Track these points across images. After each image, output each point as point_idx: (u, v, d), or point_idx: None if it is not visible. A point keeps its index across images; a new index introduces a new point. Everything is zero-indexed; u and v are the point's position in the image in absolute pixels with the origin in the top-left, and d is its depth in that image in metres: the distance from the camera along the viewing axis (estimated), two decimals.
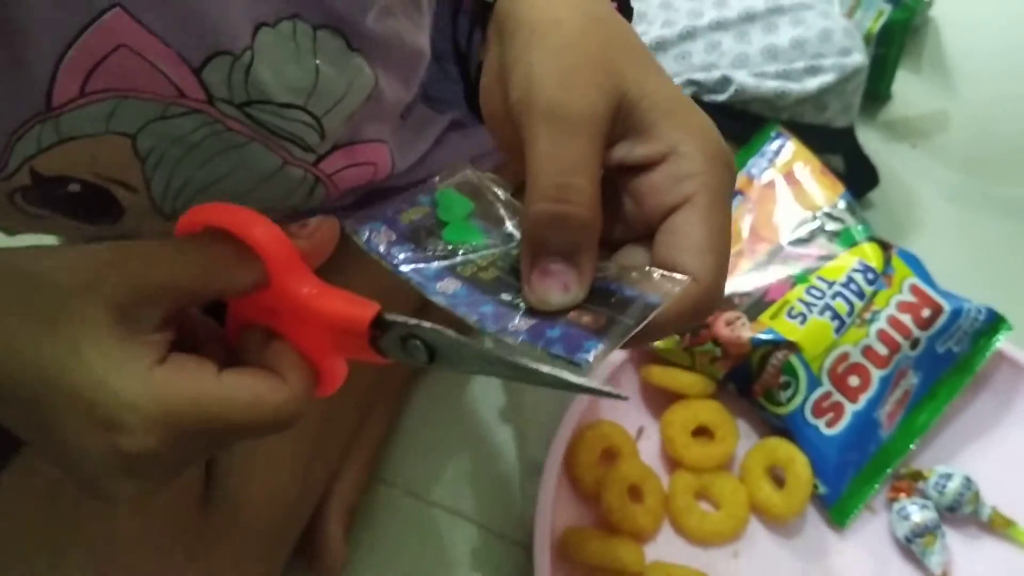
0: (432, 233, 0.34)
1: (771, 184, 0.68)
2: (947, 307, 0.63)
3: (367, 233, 0.34)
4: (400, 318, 0.31)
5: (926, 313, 0.63)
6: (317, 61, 0.48)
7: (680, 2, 0.74)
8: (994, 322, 0.65)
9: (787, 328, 0.62)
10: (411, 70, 0.56)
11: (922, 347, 0.63)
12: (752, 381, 0.64)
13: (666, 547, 0.61)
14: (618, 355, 0.66)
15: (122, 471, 0.30)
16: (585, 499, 0.61)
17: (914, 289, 0.64)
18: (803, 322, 0.62)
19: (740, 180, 0.68)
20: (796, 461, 0.61)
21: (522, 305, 0.31)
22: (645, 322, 0.29)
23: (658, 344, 0.64)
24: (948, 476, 0.61)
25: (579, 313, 0.30)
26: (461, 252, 0.33)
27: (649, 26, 0.73)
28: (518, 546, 0.57)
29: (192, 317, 0.35)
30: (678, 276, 0.31)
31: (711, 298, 0.31)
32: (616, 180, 0.34)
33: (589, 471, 0.61)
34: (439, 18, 0.56)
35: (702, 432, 0.63)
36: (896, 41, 0.85)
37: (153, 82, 0.42)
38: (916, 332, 0.62)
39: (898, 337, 0.62)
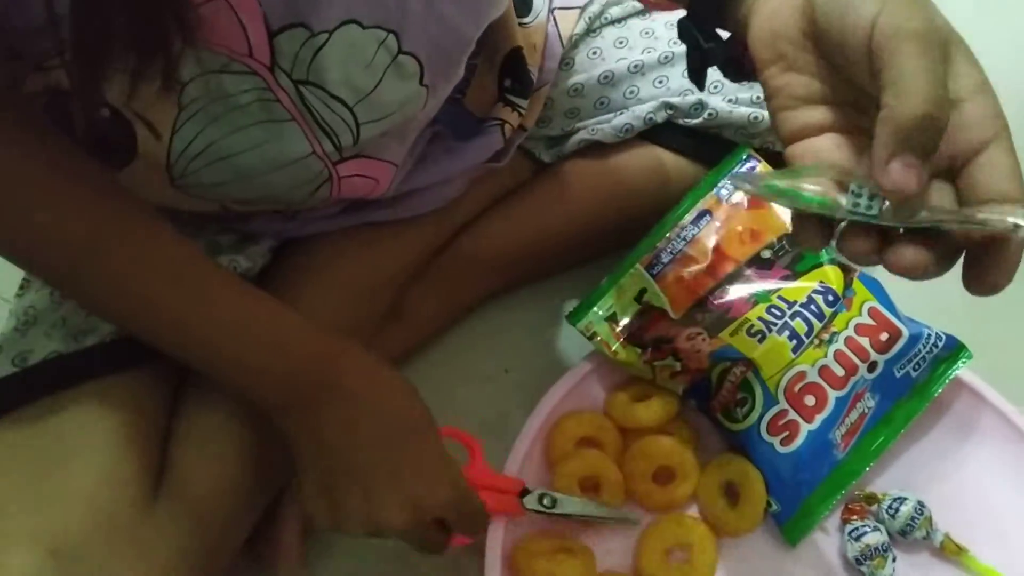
0: None
1: (739, 205, 0.68)
2: (906, 332, 0.64)
3: None
4: (536, 489, 0.59)
5: (884, 337, 0.63)
6: (384, 76, 0.50)
7: (662, 31, 0.75)
8: (954, 349, 0.65)
9: (746, 345, 0.62)
10: (444, 92, 0.58)
11: (880, 370, 0.63)
12: (711, 397, 0.64)
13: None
14: (585, 366, 0.67)
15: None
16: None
17: (873, 312, 0.64)
18: (762, 340, 0.62)
19: (709, 200, 0.69)
20: (750, 477, 0.61)
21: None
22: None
23: (620, 356, 0.65)
24: (901, 500, 0.62)
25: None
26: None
27: (630, 51, 0.75)
28: (478, 553, 0.58)
29: None
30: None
31: (904, 127, 0.33)
32: None
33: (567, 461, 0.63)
34: None
35: (664, 468, 0.63)
36: None
37: (231, 36, 0.44)
38: (874, 355, 0.63)
39: (855, 359, 0.63)
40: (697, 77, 0.48)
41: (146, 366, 0.54)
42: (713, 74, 0.71)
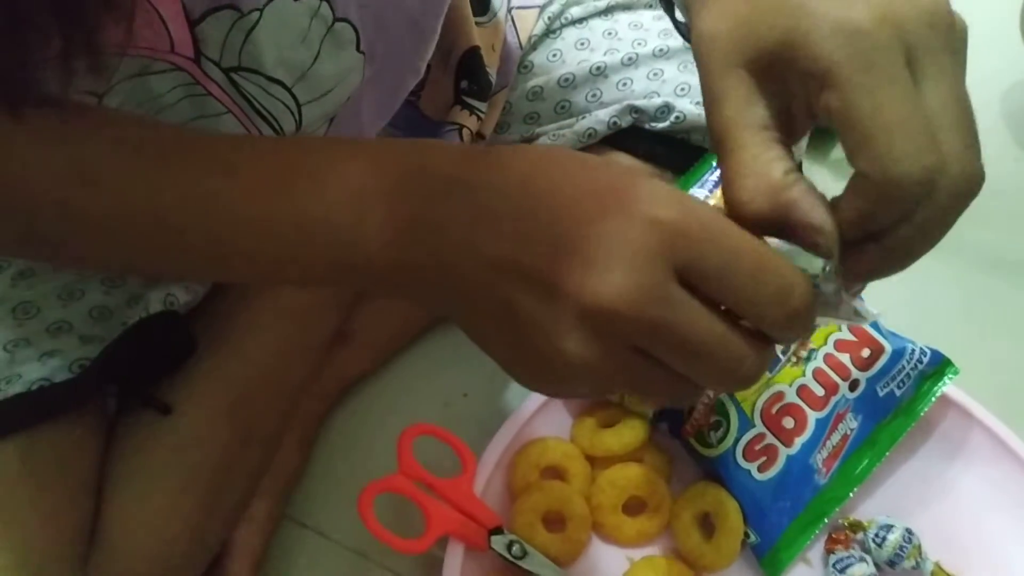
0: None
1: None
2: (888, 347, 0.60)
3: None
4: (509, 534, 0.56)
5: (865, 353, 0.60)
6: (321, 48, 0.46)
7: (625, 31, 0.72)
8: (940, 365, 0.62)
9: None
10: (399, 89, 0.55)
11: (861, 389, 0.60)
12: (683, 421, 0.60)
13: None
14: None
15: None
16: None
17: (853, 327, 0.61)
18: None
19: None
20: (726, 507, 0.58)
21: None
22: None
23: None
24: (888, 527, 0.58)
25: None
26: None
27: (592, 53, 0.72)
28: None
29: None
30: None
31: (888, 195, 0.30)
32: None
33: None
34: None
35: (634, 498, 0.60)
36: None
37: (149, 34, 0.41)
38: (855, 372, 0.60)
39: (835, 377, 0.59)
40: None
41: (74, 410, 0.50)
42: (680, 76, 0.71)
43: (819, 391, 0.59)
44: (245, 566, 0.56)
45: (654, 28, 0.71)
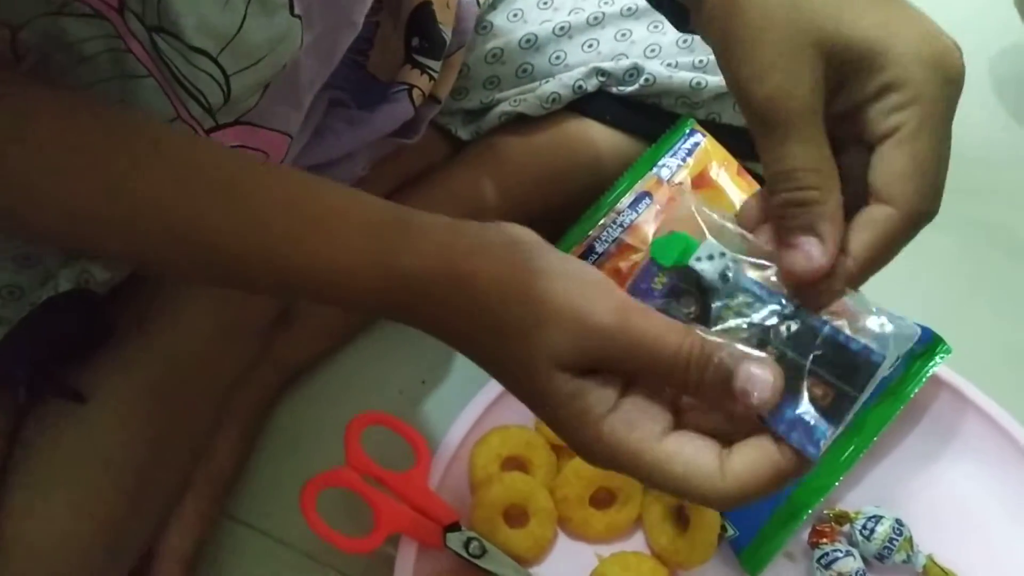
0: (686, 292, 0.36)
1: (682, 185, 0.62)
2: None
3: None
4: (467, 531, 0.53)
5: None
6: (246, 13, 0.43)
7: None
8: (931, 343, 0.59)
9: None
10: (337, 46, 0.53)
11: None
12: None
13: None
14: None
15: None
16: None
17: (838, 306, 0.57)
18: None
19: (648, 181, 0.63)
20: None
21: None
22: (870, 387, 0.32)
23: None
24: (877, 518, 0.57)
25: (814, 382, 0.33)
26: (715, 306, 0.35)
27: (555, 12, 0.69)
28: None
29: None
30: (901, 320, 0.34)
31: (910, 224, 0.34)
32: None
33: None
34: None
35: (602, 490, 0.58)
36: None
37: None
38: None
39: None
40: None
41: None
42: (650, 37, 0.67)
43: None
44: (173, 569, 0.53)
45: None
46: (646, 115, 0.67)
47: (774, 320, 0.34)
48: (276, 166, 0.41)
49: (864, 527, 0.56)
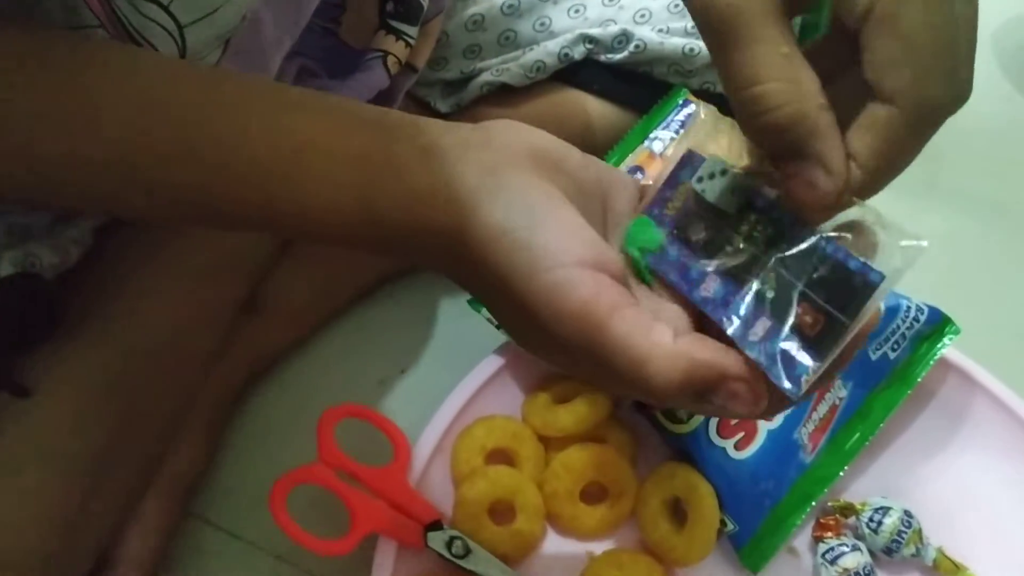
0: (699, 216, 0.35)
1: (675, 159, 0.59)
2: (880, 304, 0.55)
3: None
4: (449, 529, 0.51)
5: None
6: None
7: None
8: (939, 324, 0.58)
9: None
10: (303, 5, 0.51)
11: None
12: None
13: None
14: (495, 361, 0.58)
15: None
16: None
17: None
18: None
19: (640, 154, 0.61)
20: (699, 491, 0.54)
21: (768, 295, 0.32)
22: (862, 316, 0.30)
23: None
24: (884, 510, 0.55)
25: (805, 308, 0.30)
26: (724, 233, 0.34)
27: None
28: None
29: None
30: (906, 233, 0.30)
31: (917, 120, 0.29)
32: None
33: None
34: None
35: (594, 484, 0.56)
36: None
37: None
38: None
39: None
40: None
41: None
42: (639, 1, 0.64)
43: None
44: (133, 572, 0.51)
45: None
46: (637, 85, 0.65)
47: (774, 239, 0.32)
48: (248, 85, 0.37)
49: (871, 519, 0.54)
